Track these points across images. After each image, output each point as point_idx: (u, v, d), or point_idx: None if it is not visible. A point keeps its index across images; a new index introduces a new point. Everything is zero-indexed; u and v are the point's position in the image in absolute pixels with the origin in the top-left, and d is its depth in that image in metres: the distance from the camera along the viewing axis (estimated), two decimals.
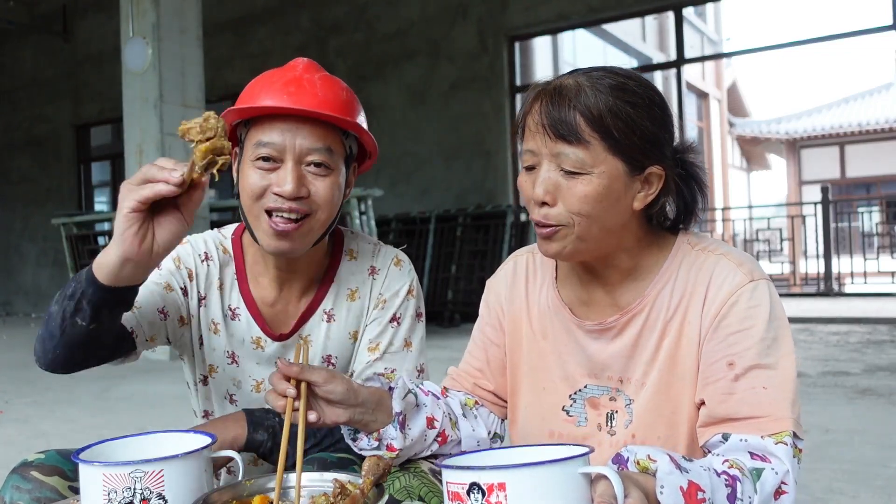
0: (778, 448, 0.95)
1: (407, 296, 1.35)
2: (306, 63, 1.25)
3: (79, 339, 1.07)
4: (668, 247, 1.09)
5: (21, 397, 4.76)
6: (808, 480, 2.61)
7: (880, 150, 17.91)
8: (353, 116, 1.22)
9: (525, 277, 1.22)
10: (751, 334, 0.99)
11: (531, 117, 1.02)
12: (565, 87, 1.00)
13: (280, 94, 1.17)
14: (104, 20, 10.77)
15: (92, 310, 1.03)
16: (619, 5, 8.06)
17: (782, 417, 0.97)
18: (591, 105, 0.97)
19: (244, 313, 1.32)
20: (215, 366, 1.35)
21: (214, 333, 1.33)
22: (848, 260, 10.06)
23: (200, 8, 6.33)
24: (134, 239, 0.97)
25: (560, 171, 0.99)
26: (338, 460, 1.20)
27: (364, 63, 9.22)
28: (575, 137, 0.97)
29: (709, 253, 1.06)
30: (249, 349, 1.32)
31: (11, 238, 12.56)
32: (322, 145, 1.18)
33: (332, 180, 1.21)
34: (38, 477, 1.12)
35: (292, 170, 1.17)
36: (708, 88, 17.19)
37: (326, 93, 1.19)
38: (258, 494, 0.98)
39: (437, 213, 8.35)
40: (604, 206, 0.99)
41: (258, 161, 1.18)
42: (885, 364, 4.86)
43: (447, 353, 5.98)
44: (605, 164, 0.98)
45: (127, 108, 6.15)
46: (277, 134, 1.17)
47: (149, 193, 0.96)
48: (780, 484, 0.93)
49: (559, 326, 1.15)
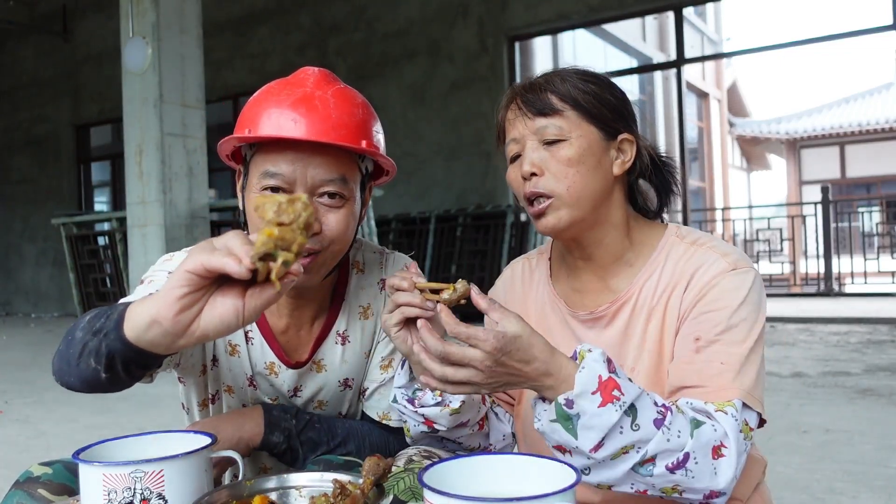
0: (718, 414, 0.96)
1: None
2: (318, 75, 1.13)
3: (91, 378, 0.93)
4: (657, 237, 1.15)
5: (21, 397, 4.76)
6: (808, 480, 2.61)
7: (880, 150, 17.92)
8: (370, 137, 1.12)
9: (522, 281, 1.27)
10: (721, 314, 1.03)
11: (510, 112, 1.14)
12: (535, 81, 1.13)
13: (289, 116, 1.06)
14: (104, 20, 10.78)
15: (107, 357, 0.88)
16: (619, 5, 8.06)
17: (729, 388, 0.99)
18: (560, 88, 1.10)
19: (258, 338, 1.26)
20: (233, 386, 1.29)
21: (232, 355, 1.26)
22: (848, 260, 10.05)
23: (200, 8, 6.32)
24: (176, 303, 0.79)
25: (542, 144, 1.09)
26: (344, 462, 1.20)
27: (364, 63, 9.23)
28: (551, 109, 1.09)
29: (697, 246, 1.11)
30: (264, 374, 1.28)
31: (11, 238, 12.57)
32: (336, 175, 1.09)
33: (347, 211, 1.11)
34: (46, 496, 1.06)
35: None
36: (708, 88, 17.19)
37: (341, 114, 1.08)
38: (258, 494, 0.98)
39: (437, 213, 8.36)
40: (586, 167, 1.08)
41: (266, 192, 1.08)
42: (886, 364, 4.86)
43: None
44: (580, 129, 1.08)
45: (127, 107, 6.15)
46: (287, 164, 1.07)
47: (217, 265, 0.77)
48: (719, 443, 0.94)
49: (556, 320, 1.19)
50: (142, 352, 0.85)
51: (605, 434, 0.90)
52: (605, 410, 0.89)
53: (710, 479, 0.93)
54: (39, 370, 5.93)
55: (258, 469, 1.34)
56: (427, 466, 0.84)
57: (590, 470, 0.94)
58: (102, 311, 0.95)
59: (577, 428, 0.90)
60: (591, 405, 0.89)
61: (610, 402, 0.89)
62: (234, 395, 1.30)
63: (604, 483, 0.95)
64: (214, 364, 1.28)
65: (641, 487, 0.94)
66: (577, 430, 0.90)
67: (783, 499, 2.42)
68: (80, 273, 8.62)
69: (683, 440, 0.92)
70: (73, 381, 0.97)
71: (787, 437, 3.16)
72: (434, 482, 0.80)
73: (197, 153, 6.26)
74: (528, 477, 0.87)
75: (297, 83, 1.12)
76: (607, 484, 0.94)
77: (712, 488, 0.93)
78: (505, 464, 0.89)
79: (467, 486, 0.85)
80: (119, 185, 11.62)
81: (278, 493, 1.00)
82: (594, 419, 0.89)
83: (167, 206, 5.99)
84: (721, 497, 0.94)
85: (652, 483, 0.93)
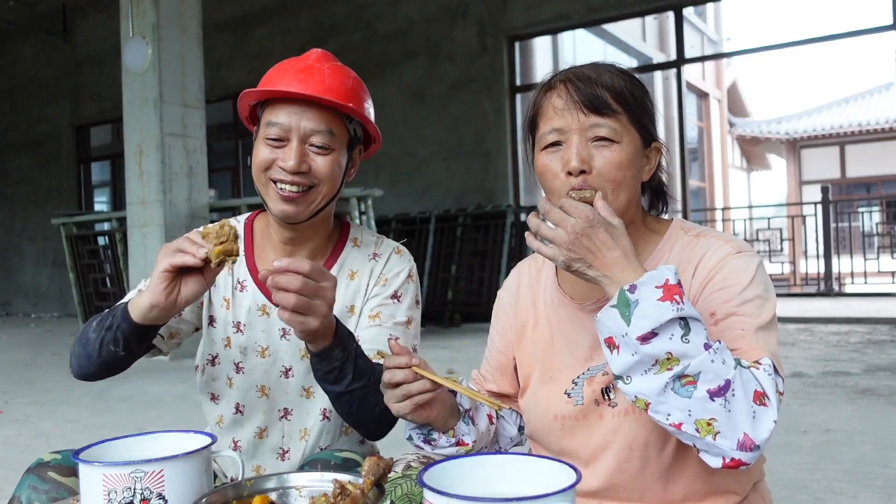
0: (753, 369, 0.96)
1: (407, 279, 1.41)
2: (319, 53, 1.37)
3: (112, 361, 1.27)
4: (662, 230, 1.17)
5: (21, 397, 4.76)
6: (809, 480, 2.61)
7: (880, 150, 17.91)
8: (359, 103, 1.33)
9: (529, 283, 1.29)
10: (732, 290, 1.04)
11: (556, 100, 1.10)
12: (585, 72, 1.11)
13: (291, 80, 1.30)
14: (104, 20, 10.78)
15: (124, 340, 1.23)
16: (619, 5, 8.06)
17: (756, 348, 0.99)
18: (615, 83, 1.09)
19: (250, 284, 1.41)
20: (227, 338, 1.41)
21: (226, 309, 1.41)
22: (848, 260, 10.05)
23: (200, 8, 6.32)
24: (162, 293, 1.16)
25: (591, 142, 1.07)
26: (343, 461, 1.20)
27: (364, 63, 9.22)
28: (608, 109, 1.07)
29: (701, 237, 1.13)
30: (255, 316, 1.39)
31: (11, 238, 12.57)
32: (324, 127, 1.30)
33: (333, 158, 1.32)
34: (56, 478, 1.15)
35: (296, 148, 1.28)
36: (708, 88, 17.18)
37: (333, 80, 1.31)
38: (258, 494, 0.98)
39: (437, 213, 8.35)
40: (631, 173, 1.09)
41: (268, 139, 1.30)
42: (886, 364, 4.86)
43: (447, 353, 5.98)
44: (629, 135, 1.09)
45: (127, 107, 6.15)
46: (285, 115, 1.29)
47: (178, 262, 1.15)
48: (762, 391, 0.94)
49: (564, 317, 1.20)
50: (145, 328, 1.22)
51: (656, 326, 0.91)
52: (663, 305, 0.92)
53: (749, 423, 0.91)
54: (39, 370, 5.93)
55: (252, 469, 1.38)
56: (427, 466, 0.85)
57: (631, 378, 0.94)
58: (103, 316, 1.26)
59: (632, 314, 0.93)
60: (652, 296, 0.92)
61: (670, 301, 0.92)
62: (231, 346, 1.41)
63: (642, 396, 0.94)
64: (211, 322, 1.43)
65: (677, 416, 0.92)
66: (631, 316, 0.93)
67: (783, 499, 2.42)
68: (80, 273, 8.62)
69: (728, 368, 0.92)
70: (94, 369, 1.28)
71: (787, 437, 3.16)
72: (434, 482, 0.80)
73: (197, 153, 6.25)
74: (528, 477, 0.87)
75: (302, 59, 1.36)
76: (645, 399, 0.93)
77: (748, 433, 0.91)
78: (505, 464, 0.89)
79: (467, 486, 0.85)
80: (119, 185, 11.63)
81: (278, 493, 1.00)
82: (650, 308, 0.92)
83: (167, 206, 5.99)
84: (754, 452, 0.92)
85: (689, 409, 0.91)
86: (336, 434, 1.39)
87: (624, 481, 1.10)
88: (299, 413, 1.38)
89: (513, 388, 1.29)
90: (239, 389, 1.39)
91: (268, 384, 1.38)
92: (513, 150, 8.53)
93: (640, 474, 1.09)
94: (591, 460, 1.12)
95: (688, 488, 1.09)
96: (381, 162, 9.05)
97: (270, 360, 1.38)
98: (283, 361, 1.38)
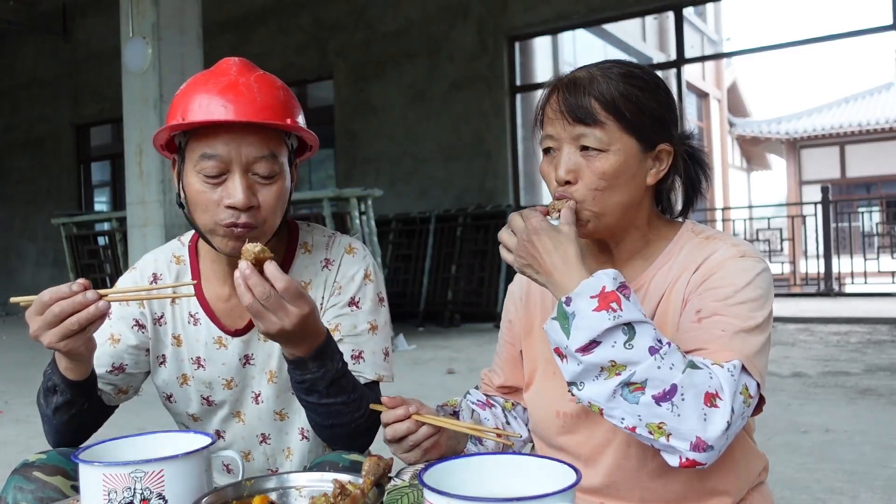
0: (715, 368, 0.96)
1: (364, 280, 1.33)
2: (239, 64, 1.23)
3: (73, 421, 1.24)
4: (673, 233, 1.17)
5: (21, 397, 4.76)
6: (809, 480, 2.61)
7: (880, 150, 17.90)
8: (294, 116, 1.22)
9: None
10: (724, 290, 1.04)
11: (549, 107, 1.11)
12: (579, 77, 1.10)
13: (219, 103, 1.16)
14: (104, 20, 10.77)
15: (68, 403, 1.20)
16: (619, 5, 8.06)
17: (728, 349, 0.98)
18: (605, 91, 1.07)
19: (202, 317, 1.33)
20: (188, 375, 1.35)
21: (177, 346, 1.34)
22: (848, 260, 10.04)
23: (200, 8, 6.32)
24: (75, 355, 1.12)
25: (579, 151, 1.08)
26: (350, 464, 1.16)
27: (364, 63, 9.22)
28: (592, 119, 1.06)
29: (711, 240, 1.13)
30: (213, 350, 1.33)
31: (11, 238, 12.57)
32: (267, 152, 1.19)
33: (279, 186, 1.21)
34: (41, 477, 1.13)
35: (240, 181, 1.17)
36: (708, 88, 17.18)
37: (265, 97, 1.18)
38: (258, 494, 0.98)
39: (437, 213, 8.35)
40: (621, 181, 1.08)
41: (205, 176, 1.17)
42: (886, 364, 4.86)
43: (447, 352, 5.98)
44: (619, 142, 1.07)
45: (127, 108, 6.15)
46: (222, 145, 1.16)
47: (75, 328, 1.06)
48: (714, 392, 0.93)
49: None
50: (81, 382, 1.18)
51: (593, 337, 0.92)
52: (599, 315, 0.93)
53: (699, 425, 0.92)
54: (39, 370, 5.90)
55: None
56: (427, 466, 0.84)
57: (583, 384, 0.95)
58: (39, 391, 1.25)
59: (570, 327, 0.94)
60: (587, 307, 0.94)
61: (605, 310, 0.93)
62: (189, 384, 1.35)
63: (595, 402, 0.95)
64: (162, 362, 1.36)
65: (630, 420, 0.93)
66: (570, 329, 0.94)
67: (783, 499, 2.42)
68: (80, 273, 8.62)
69: (675, 372, 0.92)
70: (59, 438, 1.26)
71: (787, 437, 3.16)
72: (434, 482, 0.80)
73: None
74: (528, 477, 0.87)
75: (220, 73, 1.21)
76: (598, 405, 0.95)
77: (699, 435, 0.92)
78: (505, 464, 0.89)
79: (467, 486, 0.85)
80: (119, 185, 11.63)
81: (278, 493, 1.00)
82: (586, 321, 0.93)
83: (167, 206, 5.98)
84: (708, 452, 0.92)
85: (638, 414, 0.92)
86: (320, 452, 1.36)
87: (623, 479, 1.11)
88: (277, 436, 1.36)
89: (523, 381, 1.30)
90: (217, 417, 1.37)
91: (243, 410, 1.36)
92: (513, 150, 8.53)
93: (638, 472, 1.10)
94: (592, 458, 1.13)
95: (687, 487, 1.09)
96: (381, 162, 9.05)
97: (239, 389, 1.34)
98: (251, 388, 1.34)
